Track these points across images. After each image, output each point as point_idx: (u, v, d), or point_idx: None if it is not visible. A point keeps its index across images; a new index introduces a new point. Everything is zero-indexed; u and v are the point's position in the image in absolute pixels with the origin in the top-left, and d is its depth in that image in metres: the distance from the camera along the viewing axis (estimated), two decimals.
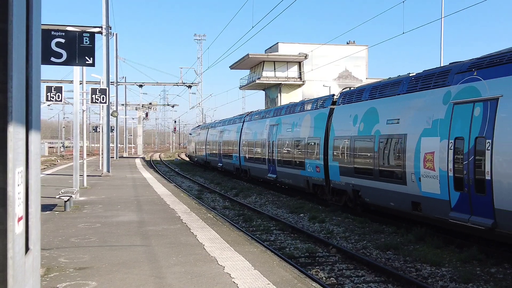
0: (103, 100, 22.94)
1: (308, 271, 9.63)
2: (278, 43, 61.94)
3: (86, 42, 11.32)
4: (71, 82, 47.37)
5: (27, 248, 2.60)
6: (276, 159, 24.48)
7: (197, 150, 51.76)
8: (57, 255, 8.50)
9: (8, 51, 2.21)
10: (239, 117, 35.35)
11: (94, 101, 22.81)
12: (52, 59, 10.87)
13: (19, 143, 2.38)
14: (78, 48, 11.17)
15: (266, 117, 27.77)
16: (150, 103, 79.62)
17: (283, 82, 60.38)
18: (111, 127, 37.53)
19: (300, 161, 21.28)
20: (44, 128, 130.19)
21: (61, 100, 18.58)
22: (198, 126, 61.12)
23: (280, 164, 23.90)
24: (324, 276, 9.63)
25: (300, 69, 61.06)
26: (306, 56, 58.77)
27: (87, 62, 11.42)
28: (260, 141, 27.51)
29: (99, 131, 34.86)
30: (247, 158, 30.21)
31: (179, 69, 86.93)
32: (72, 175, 18.32)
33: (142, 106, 79.04)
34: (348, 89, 18.90)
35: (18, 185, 2.37)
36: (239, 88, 69.90)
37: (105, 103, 23.69)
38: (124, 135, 79.61)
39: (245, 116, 33.53)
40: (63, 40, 10.91)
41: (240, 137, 32.30)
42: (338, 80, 60.43)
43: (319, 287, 7.04)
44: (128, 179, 26.17)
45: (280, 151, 23.99)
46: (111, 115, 33.49)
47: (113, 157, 46.32)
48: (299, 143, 21.56)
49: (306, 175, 20.72)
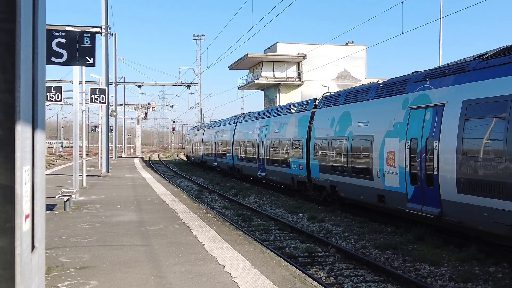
0: (102, 100, 22.97)
1: (308, 271, 9.66)
2: (277, 43, 61.91)
3: (87, 42, 11.34)
4: (70, 82, 47.36)
5: (33, 246, 2.62)
6: (265, 158, 26.09)
7: (194, 150, 53.17)
8: (57, 254, 8.52)
9: (16, 51, 2.24)
10: (233, 118, 36.87)
11: (93, 101, 22.85)
12: (53, 59, 10.88)
13: (26, 142, 2.40)
14: (79, 48, 11.18)
15: (257, 118, 29.32)
16: (149, 103, 79.61)
17: (282, 82, 60.36)
18: (110, 127, 37.47)
19: (286, 159, 22.84)
20: None
21: (60, 100, 18.58)
22: (195, 127, 61.86)
23: (269, 163, 25.43)
24: (324, 276, 9.66)
25: (299, 69, 61.01)
26: (305, 56, 58.76)
27: (87, 62, 11.44)
28: (251, 141, 29.08)
29: (98, 131, 34.84)
30: (240, 157, 31.75)
31: (178, 69, 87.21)
32: (71, 175, 18.35)
33: (141, 106, 78.93)
34: (328, 93, 20.67)
35: (25, 183, 2.39)
36: (238, 88, 69.90)
37: (104, 103, 23.72)
38: (123, 135, 79.51)
39: (238, 117, 35.15)
40: (63, 40, 10.92)
41: (233, 137, 33.79)
42: (337, 80, 60.42)
43: (319, 286, 7.07)
44: (127, 179, 26.17)
45: (268, 150, 25.51)
46: (110, 115, 33.50)
47: (112, 157, 46.22)
48: (285, 143, 23.22)
49: (291, 173, 22.23)
